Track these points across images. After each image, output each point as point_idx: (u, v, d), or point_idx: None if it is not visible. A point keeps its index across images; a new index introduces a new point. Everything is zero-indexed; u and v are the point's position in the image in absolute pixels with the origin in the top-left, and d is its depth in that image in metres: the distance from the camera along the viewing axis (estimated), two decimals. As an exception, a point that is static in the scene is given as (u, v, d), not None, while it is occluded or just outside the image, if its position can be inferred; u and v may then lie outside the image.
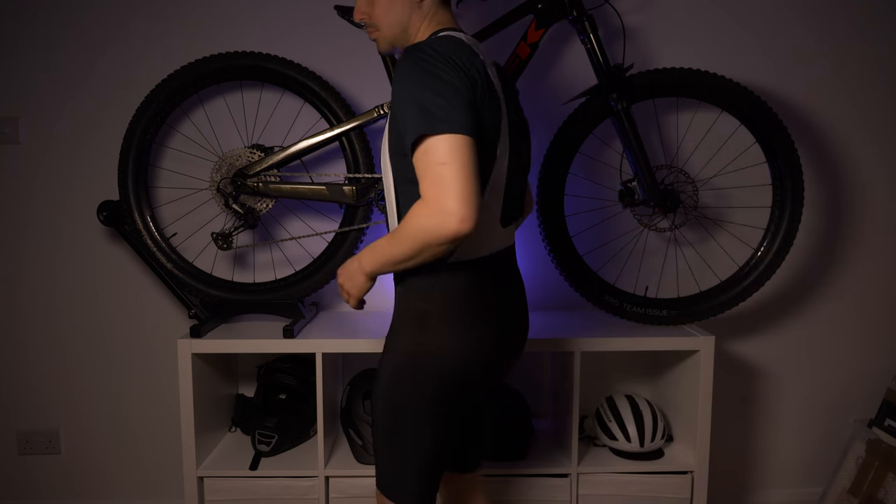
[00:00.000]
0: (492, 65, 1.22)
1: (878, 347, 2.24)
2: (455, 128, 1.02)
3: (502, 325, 1.26)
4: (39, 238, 2.13)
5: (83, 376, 2.18)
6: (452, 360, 1.19)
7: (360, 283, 1.23)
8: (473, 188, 1.02)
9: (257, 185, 1.87)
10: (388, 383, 1.23)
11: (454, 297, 1.19)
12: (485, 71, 1.13)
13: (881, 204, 2.18)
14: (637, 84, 1.84)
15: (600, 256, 2.11)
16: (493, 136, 1.14)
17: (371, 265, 1.19)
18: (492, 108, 1.12)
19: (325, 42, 2.05)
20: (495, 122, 1.14)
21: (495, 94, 1.14)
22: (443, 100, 1.03)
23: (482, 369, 1.22)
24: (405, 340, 1.21)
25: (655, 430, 1.90)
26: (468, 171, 1.02)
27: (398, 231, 1.10)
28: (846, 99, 2.13)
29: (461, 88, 1.05)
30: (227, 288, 1.97)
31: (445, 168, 1.01)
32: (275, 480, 1.84)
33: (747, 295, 1.91)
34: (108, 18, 2.05)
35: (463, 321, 1.19)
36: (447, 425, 1.23)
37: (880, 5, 2.10)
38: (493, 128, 1.13)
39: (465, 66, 1.08)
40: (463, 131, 1.03)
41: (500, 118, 1.14)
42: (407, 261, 1.12)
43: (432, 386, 1.20)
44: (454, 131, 1.02)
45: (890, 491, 1.97)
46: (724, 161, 2.11)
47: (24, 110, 2.08)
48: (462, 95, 1.05)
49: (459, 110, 1.03)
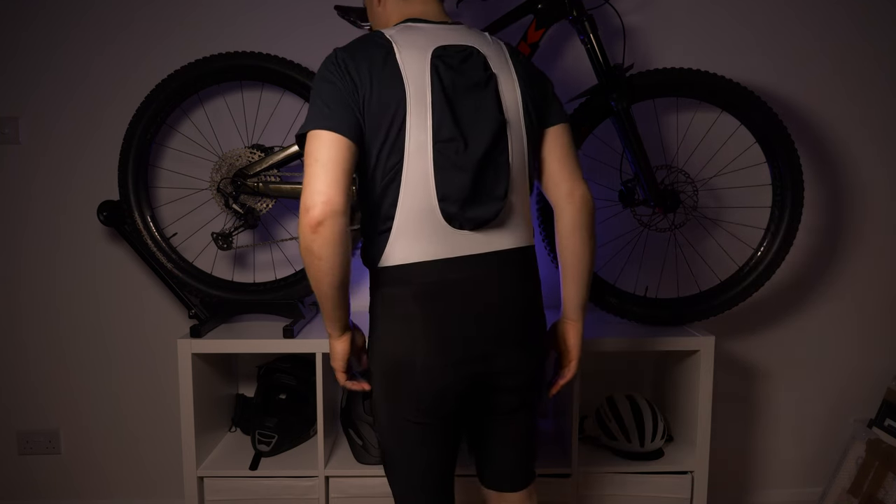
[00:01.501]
0: (414, 47, 1.19)
1: (878, 347, 2.24)
2: (318, 124, 1.12)
3: (447, 331, 1.19)
4: (39, 238, 2.13)
5: (83, 376, 2.18)
6: (384, 355, 1.23)
7: (331, 348, 1.27)
8: (328, 180, 1.09)
9: (257, 185, 1.87)
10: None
11: (387, 301, 1.22)
12: (382, 54, 1.16)
13: (881, 204, 2.18)
14: (637, 84, 1.84)
15: (600, 256, 2.11)
16: (392, 111, 1.15)
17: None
18: (388, 89, 1.14)
19: (325, 42, 2.05)
20: (394, 101, 1.14)
21: (396, 72, 1.15)
22: (317, 99, 1.15)
23: (421, 372, 1.20)
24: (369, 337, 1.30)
25: (655, 430, 1.90)
26: (324, 162, 1.10)
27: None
28: (846, 98, 2.13)
29: (335, 83, 1.14)
30: (227, 288, 1.97)
31: (308, 167, 1.11)
32: (275, 480, 1.84)
33: (747, 295, 1.91)
34: (108, 18, 2.05)
35: (391, 320, 1.22)
36: (406, 431, 1.25)
37: (880, 3, 2.10)
38: (392, 104, 1.15)
39: (347, 64, 1.15)
40: (321, 127, 1.12)
41: (402, 97, 1.15)
42: (313, 285, 1.16)
43: (379, 381, 1.26)
44: (315, 127, 1.12)
45: (890, 491, 1.97)
46: (724, 161, 2.11)
47: (24, 110, 2.08)
48: (333, 93, 1.14)
49: (327, 105, 1.13)
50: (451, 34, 1.23)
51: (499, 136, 1.20)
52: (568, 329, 1.37)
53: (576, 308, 1.35)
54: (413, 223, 1.17)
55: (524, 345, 1.26)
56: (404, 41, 1.19)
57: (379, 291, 1.23)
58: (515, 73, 1.25)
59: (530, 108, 1.25)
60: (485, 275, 1.20)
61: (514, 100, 1.23)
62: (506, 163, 1.21)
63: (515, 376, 1.26)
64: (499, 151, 1.20)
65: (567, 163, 1.29)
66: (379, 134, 1.16)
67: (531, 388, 1.29)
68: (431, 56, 1.18)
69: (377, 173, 1.18)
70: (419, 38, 1.20)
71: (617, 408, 1.95)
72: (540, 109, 1.27)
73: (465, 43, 1.22)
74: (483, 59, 1.22)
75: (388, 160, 1.16)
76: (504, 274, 1.22)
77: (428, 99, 1.16)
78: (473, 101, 1.19)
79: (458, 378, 1.21)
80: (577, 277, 1.32)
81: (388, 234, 1.19)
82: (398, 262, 1.19)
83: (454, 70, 1.19)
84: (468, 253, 1.20)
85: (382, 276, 1.22)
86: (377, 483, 1.83)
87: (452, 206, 1.17)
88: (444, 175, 1.16)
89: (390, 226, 1.18)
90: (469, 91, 1.19)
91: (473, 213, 1.18)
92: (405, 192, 1.16)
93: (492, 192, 1.20)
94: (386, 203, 1.18)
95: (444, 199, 1.17)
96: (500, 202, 1.20)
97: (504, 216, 1.23)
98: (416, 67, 1.17)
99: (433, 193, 1.17)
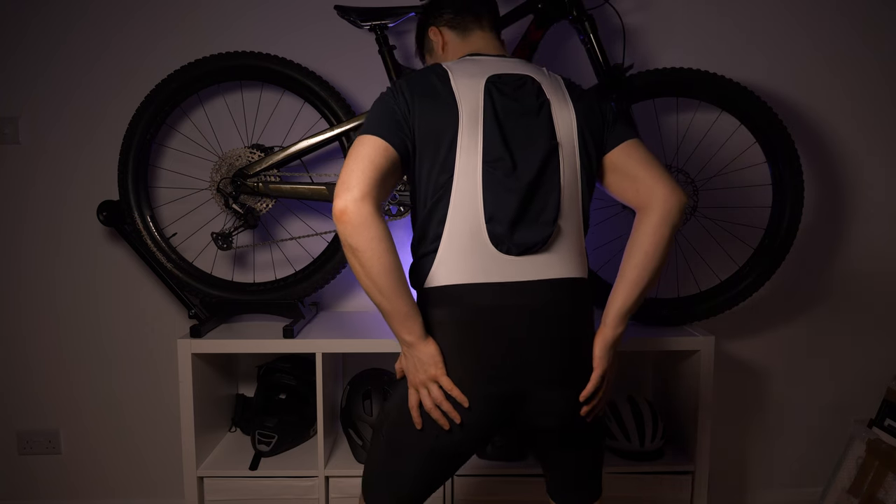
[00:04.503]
0: (475, 74, 1.22)
1: (878, 347, 2.24)
2: (365, 131, 1.16)
3: (481, 361, 1.16)
4: (39, 238, 2.13)
5: (83, 376, 2.18)
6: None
7: (419, 356, 1.19)
8: (358, 172, 1.11)
9: (257, 185, 1.87)
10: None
11: (428, 323, 1.19)
12: (438, 81, 1.20)
13: (881, 204, 2.17)
14: (637, 84, 1.84)
15: (600, 256, 2.11)
16: (443, 132, 1.17)
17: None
18: (441, 111, 1.18)
19: (325, 42, 2.05)
20: (446, 122, 1.17)
21: (451, 96, 1.18)
22: (370, 115, 1.20)
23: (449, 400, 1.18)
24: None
25: (655, 430, 1.90)
26: (359, 158, 1.12)
27: None
28: (846, 98, 2.13)
29: (389, 103, 1.19)
30: (227, 288, 1.97)
31: (344, 165, 1.14)
32: (275, 480, 1.84)
33: (747, 295, 1.91)
34: (107, 19, 2.05)
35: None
36: (411, 452, 1.23)
37: (879, 5, 2.10)
38: (444, 125, 1.17)
39: (403, 89, 1.20)
40: (367, 132, 1.15)
41: (455, 119, 1.17)
42: (365, 286, 1.14)
43: (403, 402, 1.24)
44: (362, 133, 1.16)
45: (890, 491, 1.97)
46: (724, 161, 2.11)
47: (24, 110, 2.08)
48: (385, 110, 1.18)
49: (377, 118, 1.17)
50: (507, 65, 1.26)
51: (549, 160, 1.19)
52: (597, 336, 1.24)
53: (616, 314, 1.22)
54: (460, 244, 1.17)
55: (566, 383, 1.20)
56: (460, 70, 1.22)
57: (422, 312, 1.20)
58: (571, 101, 1.24)
59: (587, 135, 1.23)
60: (529, 303, 1.16)
61: (568, 126, 1.22)
62: (556, 188, 1.19)
63: (550, 417, 1.20)
64: (549, 176, 1.19)
65: (658, 168, 1.23)
66: (429, 153, 1.17)
67: (575, 426, 1.24)
68: (486, 82, 1.21)
69: (427, 191, 1.18)
70: (475, 68, 1.23)
71: (617, 408, 1.95)
72: (600, 135, 1.26)
73: (520, 72, 1.24)
74: (538, 87, 1.23)
75: (438, 179, 1.17)
76: (549, 304, 1.17)
77: (480, 121, 1.18)
78: (525, 125, 1.20)
79: (487, 413, 1.18)
80: (634, 281, 1.20)
81: (435, 254, 1.18)
82: (441, 284, 1.18)
83: (507, 96, 1.21)
84: (514, 279, 1.16)
85: (426, 297, 1.21)
86: (377, 483, 1.83)
87: (499, 227, 1.16)
88: (492, 195, 1.16)
89: (437, 245, 1.18)
90: (521, 116, 1.20)
91: (521, 237, 1.16)
92: (453, 211, 1.16)
93: (540, 216, 1.18)
94: (434, 221, 1.18)
95: (491, 219, 1.16)
96: (549, 227, 1.18)
97: (554, 243, 1.19)
98: (471, 92, 1.19)
99: (481, 213, 1.16)
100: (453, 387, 1.16)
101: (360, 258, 1.10)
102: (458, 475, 1.87)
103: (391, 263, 1.11)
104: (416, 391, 1.20)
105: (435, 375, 1.17)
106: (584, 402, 1.22)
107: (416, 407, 1.20)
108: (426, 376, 1.17)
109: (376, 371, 2.00)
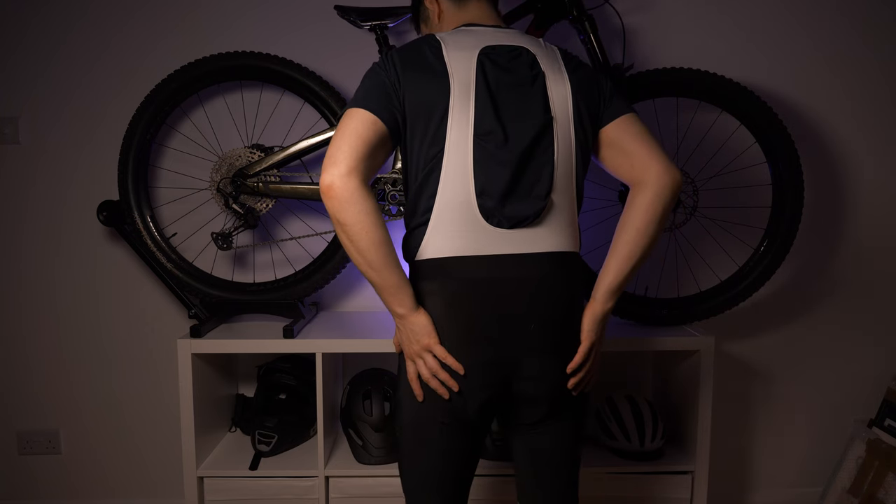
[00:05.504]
0: (466, 47, 1.21)
1: (878, 347, 2.24)
2: (353, 104, 1.16)
3: (472, 332, 1.18)
4: (39, 238, 2.13)
5: (83, 376, 2.18)
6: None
7: (411, 326, 1.20)
8: (345, 147, 1.11)
9: (257, 185, 1.87)
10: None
11: (420, 296, 1.21)
12: (431, 53, 1.19)
13: (881, 203, 2.17)
14: (637, 84, 1.84)
15: (601, 256, 2.10)
16: (435, 105, 1.17)
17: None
18: (432, 84, 1.17)
19: (325, 42, 2.05)
20: (437, 95, 1.17)
21: (443, 68, 1.17)
22: (361, 88, 1.19)
23: (445, 370, 1.19)
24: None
25: (655, 431, 1.90)
26: (346, 133, 1.12)
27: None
28: (846, 98, 2.13)
29: (380, 75, 1.18)
30: (227, 288, 1.97)
31: (332, 139, 1.14)
32: (275, 480, 1.84)
33: (747, 295, 1.91)
34: (107, 18, 2.05)
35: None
36: (427, 428, 1.23)
37: (879, 5, 2.10)
38: (436, 98, 1.17)
39: (395, 61, 1.19)
40: (355, 106, 1.15)
41: (445, 91, 1.16)
42: (354, 259, 1.15)
43: (406, 375, 1.25)
44: (350, 106, 1.16)
45: (890, 491, 1.97)
46: (724, 161, 2.11)
47: (24, 110, 2.08)
48: (375, 83, 1.17)
49: (366, 91, 1.17)
50: (503, 36, 1.24)
51: (543, 134, 1.18)
52: (586, 310, 1.24)
53: (606, 289, 1.22)
54: (450, 217, 1.17)
55: (557, 353, 1.21)
56: (454, 41, 1.21)
57: (414, 285, 1.21)
58: (567, 73, 1.23)
59: (582, 108, 1.22)
60: (519, 276, 1.17)
61: (563, 99, 1.21)
62: (550, 161, 1.18)
63: (541, 384, 1.21)
64: (542, 149, 1.18)
65: (653, 145, 1.22)
66: (420, 125, 1.17)
67: (563, 399, 1.23)
68: (479, 53, 1.19)
69: (418, 164, 1.18)
70: (469, 39, 1.22)
71: (617, 408, 1.95)
72: (596, 109, 1.24)
73: (515, 44, 1.23)
74: (532, 58, 1.21)
75: (429, 151, 1.17)
76: (541, 277, 1.18)
77: (472, 94, 1.17)
78: (518, 97, 1.19)
79: (482, 380, 1.18)
80: (625, 256, 1.20)
81: (426, 227, 1.18)
82: (432, 256, 1.18)
83: (500, 67, 1.19)
84: (504, 252, 1.17)
85: (417, 270, 1.22)
86: (377, 483, 1.83)
87: (490, 200, 1.16)
88: (483, 168, 1.16)
89: (428, 218, 1.18)
90: (514, 88, 1.19)
91: (512, 210, 1.16)
92: (444, 184, 1.16)
93: (533, 189, 1.17)
94: (425, 195, 1.18)
95: (481, 193, 1.16)
96: (541, 201, 1.17)
97: (546, 217, 1.19)
98: (463, 64, 1.18)
99: (471, 187, 1.16)
100: (447, 355, 1.17)
101: (347, 233, 1.11)
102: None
103: (379, 237, 1.12)
104: (413, 363, 1.21)
105: (428, 345, 1.18)
106: (571, 374, 1.22)
107: (415, 379, 1.21)
108: (420, 346, 1.19)
109: (376, 371, 2.00)
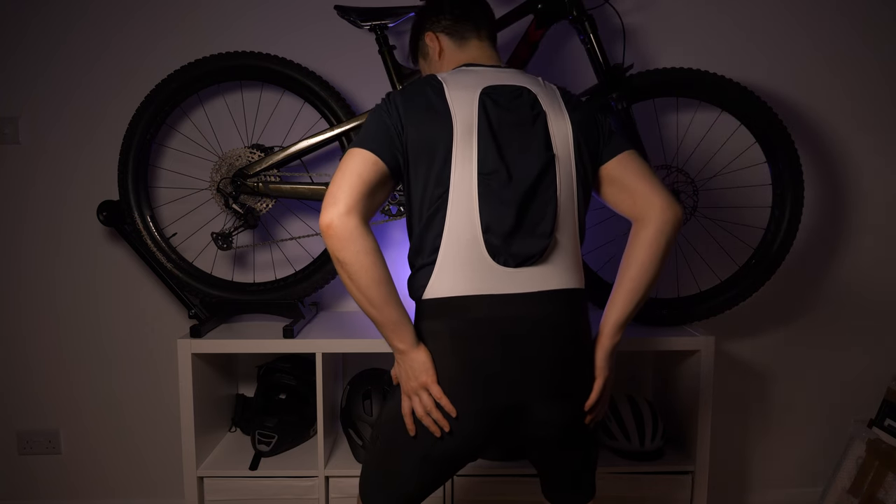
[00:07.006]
0: (468, 87, 1.21)
1: (878, 347, 2.24)
2: (356, 144, 1.17)
3: (475, 374, 1.17)
4: (39, 238, 2.13)
5: (83, 376, 2.18)
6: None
7: (410, 363, 1.19)
8: (345, 186, 1.12)
9: (257, 185, 1.87)
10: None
11: (424, 334, 1.21)
12: (433, 93, 1.20)
13: (881, 203, 2.17)
14: (637, 84, 1.84)
15: (600, 256, 2.11)
16: (438, 145, 1.17)
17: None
18: (435, 124, 1.18)
19: (325, 42, 2.05)
20: (440, 135, 1.17)
21: (445, 109, 1.18)
22: (363, 130, 1.20)
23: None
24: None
25: (655, 430, 1.90)
26: (347, 172, 1.13)
27: None
28: (846, 98, 2.13)
29: (382, 117, 1.19)
30: (227, 288, 1.97)
31: (333, 178, 1.15)
32: (275, 480, 1.84)
33: (747, 295, 1.91)
34: (107, 18, 2.05)
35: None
36: (406, 456, 1.23)
37: (879, 5, 2.10)
38: (439, 138, 1.17)
39: (397, 102, 1.20)
40: (357, 146, 1.16)
41: (448, 131, 1.17)
42: (356, 297, 1.16)
43: (399, 407, 1.25)
44: (353, 146, 1.17)
45: (890, 491, 1.97)
46: (724, 161, 2.11)
47: (24, 110, 2.08)
48: (378, 124, 1.18)
49: (370, 132, 1.18)
50: (503, 75, 1.25)
51: (545, 172, 1.19)
52: (597, 347, 1.25)
53: (613, 324, 1.24)
54: (457, 256, 1.17)
55: (565, 395, 1.20)
56: (455, 81, 1.22)
57: (420, 324, 1.22)
58: (567, 112, 1.24)
59: (583, 146, 1.23)
60: (525, 315, 1.16)
61: (564, 137, 1.22)
62: (553, 199, 1.19)
63: (551, 428, 1.21)
64: (545, 187, 1.19)
65: (654, 181, 1.24)
66: (423, 165, 1.17)
67: (573, 432, 1.24)
68: (480, 93, 1.20)
69: (422, 204, 1.18)
70: (471, 79, 1.23)
71: (617, 408, 1.95)
72: (596, 146, 1.26)
73: (516, 83, 1.24)
74: (533, 98, 1.23)
75: (434, 191, 1.17)
76: (546, 316, 1.17)
77: (474, 133, 1.18)
78: (520, 136, 1.20)
79: (478, 426, 1.18)
80: (631, 291, 1.22)
81: (433, 266, 1.18)
82: (438, 296, 1.18)
83: (502, 107, 1.20)
84: (510, 291, 1.16)
85: (423, 309, 1.21)
86: (377, 483, 1.83)
87: (496, 238, 1.16)
88: (488, 206, 1.17)
89: (435, 258, 1.18)
90: (516, 127, 1.20)
91: (518, 249, 1.17)
92: (450, 223, 1.16)
93: (537, 228, 1.18)
94: (431, 234, 1.18)
95: (487, 230, 1.17)
96: (546, 239, 1.18)
97: (550, 255, 1.20)
98: (465, 104, 1.19)
99: (477, 224, 1.16)
100: (442, 395, 1.17)
101: (347, 271, 1.12)
102: (458, 475, 1.87)
103: (379, 275, 1.13)
104: (409, 399, 1.21)
105: (425, 383, 1.17)
106: (588, 411, 1.23)
107: (409, 414, 1.21)
108: (417, 384, 1.18)
109: (376, 371, 2.00)
